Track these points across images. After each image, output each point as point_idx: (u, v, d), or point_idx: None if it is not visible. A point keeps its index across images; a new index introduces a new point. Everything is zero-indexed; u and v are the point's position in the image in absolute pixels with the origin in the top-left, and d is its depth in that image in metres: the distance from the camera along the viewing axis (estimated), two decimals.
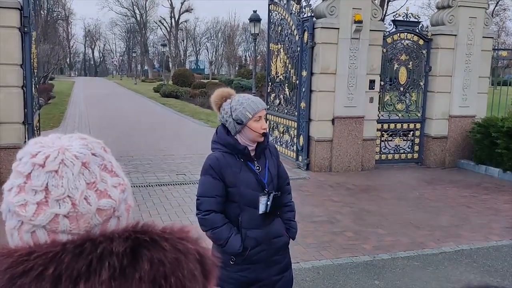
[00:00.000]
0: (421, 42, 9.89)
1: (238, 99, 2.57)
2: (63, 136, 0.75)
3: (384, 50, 9.54)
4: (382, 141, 9.92)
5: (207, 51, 77.39)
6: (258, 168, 2.61)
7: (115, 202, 0.71)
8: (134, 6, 70.58)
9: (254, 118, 2.53)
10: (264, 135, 2.58)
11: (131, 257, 0.62)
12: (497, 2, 41.23)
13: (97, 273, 0.60)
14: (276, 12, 10.52)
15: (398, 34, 9.72)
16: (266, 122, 2.71)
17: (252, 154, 2.61)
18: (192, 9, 68.07)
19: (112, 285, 0.60)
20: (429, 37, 9.86)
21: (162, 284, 0.62)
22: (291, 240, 2.78)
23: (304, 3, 9.48)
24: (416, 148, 10.14)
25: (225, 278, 2.58)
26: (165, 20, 68.18)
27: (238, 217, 2.58)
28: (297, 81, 9.55)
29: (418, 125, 10.13)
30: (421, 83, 10.03)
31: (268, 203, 2.59)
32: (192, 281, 0.65)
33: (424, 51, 9.93)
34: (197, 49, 77.30)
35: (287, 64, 10.08)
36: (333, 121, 9.09)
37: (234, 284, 2.59)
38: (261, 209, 2.59)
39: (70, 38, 76.72)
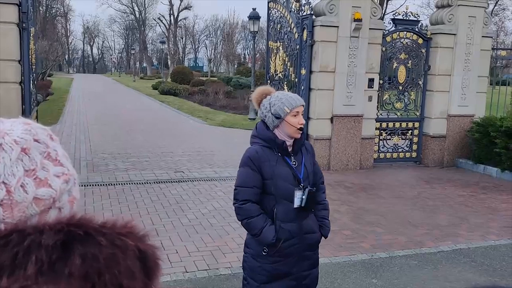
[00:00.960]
0: (420, 41, 9.88)
1: (277, 95, 2.70)
2: (7, 120, 0.71)
3: (383, 49, 9.53)
4: (381, 139, 9.92)
5: (206, 48, 77.34)
6: (294, 163, 2.70)
7: (55, 192, 0.67)
8: (133, 3, 70.49)
9: (292, 113, 2.63)
10: (301, 130, 2.67)
11: (62, 251, 0.58)
12: (496, 2, 41.24)
13: (22, 267, 0.56)
14: (276, 10, 10.50)
15: (398, 33, 9.71)
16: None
17: (290, 149, 2.70)
18: (191, 7, 68.03)
19: (39, 280, 0.56)
20: (428, 36, 9.86)
21: (96, 281, 0.58)
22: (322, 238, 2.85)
23: (303, 1, 9.46)
24: (415, 147, 10.14)
25: (257, 269, 2.69)
26: (164, 17, 68.14)
27: (273, 209, 2.66)
28: (296, 79, 9.53)
29: (416, 124, 10.13)
30: (420, 82, 10.03)
31: (303, 197, 2.65)
32: (130, 279, 0.61)
33: (423, 50, 9.92)
34: (196, 46, 77.22)
35: (286, 62, 10.06)
36: (332, 119, 9.09)
37: (265, 276, 2.67)
38: (296, 203, 2.65)
39: (68, 34, 76.56)
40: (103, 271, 0.59)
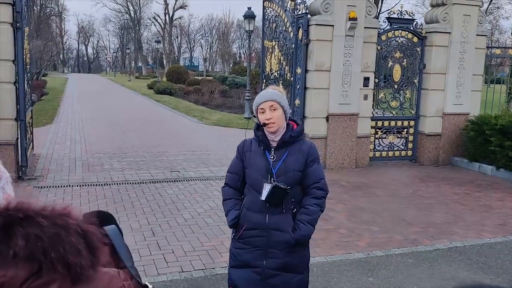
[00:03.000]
0: (415, 39, 9.90)
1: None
2: None
3: (379, 48, 9.54)
4: (376, 138, 9.93)
5: (202, 48, 77.11)
6: (273, 157, 2.76)
7: None
8: (128, 3, 70.28)
9: (259, 110, 2.76)
10: (265, 125, 2.71)
11: (3, 235, 0.59)
12: (491, 1, 41.36)
13: None
14: (271, 9, 10.49)
15: (393, 31, 9.73)
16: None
17: (274, 145, 2.77)
18: (186, 6, 67.86)
19: None
20: (423, 34, 9.88)
21: (42, 260, 0.59)
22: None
23: (298, 0, 9.45)
24: (410, 145, 10.17)
25: (230, 250, 2.91)
26: (159, 16, 67.92)
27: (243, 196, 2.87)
28: (292, 78, 9.53)
29: (412, 123, 10.15)
30: (415, 81, 10.05)
31: (267, 191, 2.68)
32: (77, 256, 0.63)
33: (418, 49, 9.94)
34: (191, 46, 77.05)
35: (282, 61, 10.05)
36: (327, 118, 9.09)
37: (232, 259, 2.87)
38: (263, 195, 2.70)
39: (63, 34, 76.23)
40: (48, 250, 0.60)
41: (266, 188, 2.67)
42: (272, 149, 2.75)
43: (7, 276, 0.57)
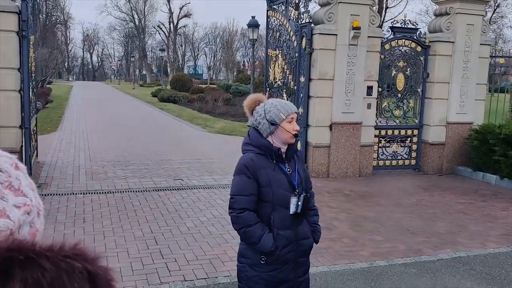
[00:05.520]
0: (419, 48, 9.91)
1: (272, 102, 2.74)
2: None
3: (382, 57, 9.56)
4: (380, 147, 9.92)
5: (206, 56, 77.53)
6: (289, 170, 2.73)
7: (13, 223, 0.64)
8: (133, 11, 70.68)
9: (287, 119, 2.66)
10: (296, 135, 2.71)
11: (2, 278, 0.55)
12: (495, 10, 41.41)
13: None
14: (275, 18, 10.54)
15: (396, 40, 9.75)
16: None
17: (284, 156, 2.72)
18: (190, 15, 68.25)
19: None
20: (427, 43, 9.89)
21: None
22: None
23: (302, 9, 9.51)
24: (414, 154, 10.15)
25: (254, 278, 2.68)
26: (163, 25, 68.36)
27: (270, 217, 2.65)
28: (295, 87, 9.55)
29: (415, 132, 10.14)
30: (419, 90, 10.05)
31: (299, 203, 2.68)
32: None
33: (421, 58, 9.95)
34: (196, 54, 77.37)
35: (285, 70, 10.08)
36: (330, 127, 9.09)
37: (262, 284, 2.67)
38: (292, 209, 2.67)
39: (68, 42, 76.68)
40: None
41: (293, 202, 2.67)
42: (286, 161, 2.73)
43: None
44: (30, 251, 0.58)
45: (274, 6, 10.46)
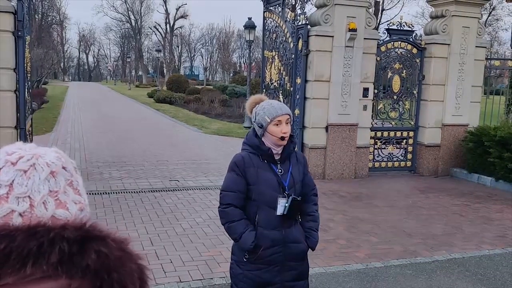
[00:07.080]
0: (414, 50, 9.95)
1: (264, 104, 2.73)
2: (42, 147, 0.79)
3: (378, 59, 9.58)
4: (376, 149, 9.94)
5: (202, 57, 77.36)
6: (280, 171, 2.71)
7: (71, 215, 0.72)
8: (129, 12, 70.58)
9: (273, 122, 2.65)
10: (283, 139, 2.67)
11: (80, 246, 0.63)
12: (490, 12, 41.62)
13: (46, 256, 0.61)
14: (271, 20, 10.55)
15: (392, 42, 9.78)
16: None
17: (278, 157, 2.72)
18: (187, 15, 68.14)
19: (59, 270, 0.61)
20: (422, 46, 9.93)
21: (105, 278, 0.64)
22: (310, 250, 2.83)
23: (299, 11, 9.53)
24: (409, 156, 10.17)
25: (239, 276, 2.69)
26: (160, 26, 68.21)
27: (255, 215, 2.67)
28: (292, 88, 9.56)
29: (411, 133, 10.17)
30: (415, 92, 10.08)
31: (286, 205, 2.64)
32: (131, 283, 0.67)
33: (417, 60, 9.99)
34: (192, 55, 77.29)
35: (282, 71, 10.09)
36: (326, 128, 9.11)
37: (247, 283, 2.68)
38: (279, 210, 2.66)
39: (64, 42, 76.49)
40: (112, 269, 0.65)
41: (281, 203, 2.65)
42: (278, 162, 2.72)
43: (72, 287, 0.62)
44: (101, 230, 0.68)
45: (271, 8, 10.47)
